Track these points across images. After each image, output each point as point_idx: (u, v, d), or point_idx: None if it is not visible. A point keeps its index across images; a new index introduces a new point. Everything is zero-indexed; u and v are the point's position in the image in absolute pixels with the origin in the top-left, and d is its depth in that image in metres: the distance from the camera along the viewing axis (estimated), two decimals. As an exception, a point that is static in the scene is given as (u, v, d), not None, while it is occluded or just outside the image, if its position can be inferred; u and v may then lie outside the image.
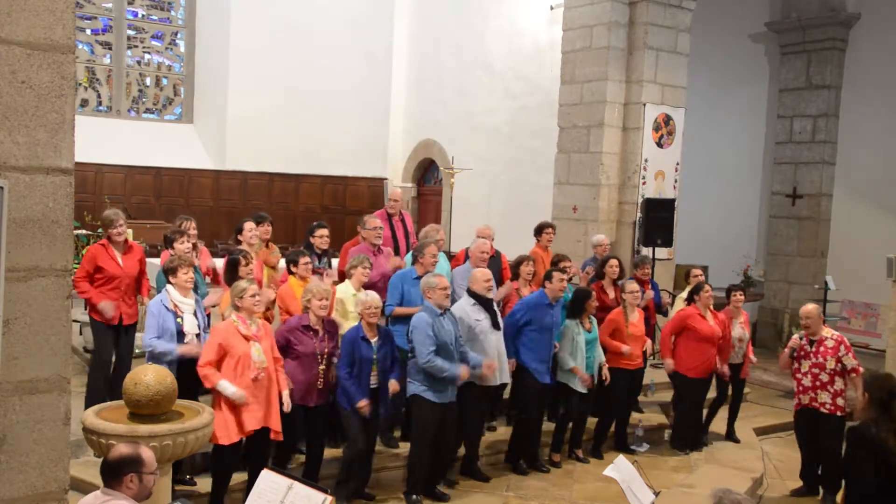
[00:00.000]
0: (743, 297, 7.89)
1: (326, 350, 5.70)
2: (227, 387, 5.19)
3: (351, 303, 6.29)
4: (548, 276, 6.77)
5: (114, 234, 6.35)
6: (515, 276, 7.35)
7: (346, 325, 6.14)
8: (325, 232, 7.06)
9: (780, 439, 8.42)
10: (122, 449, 3.31)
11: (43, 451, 3.05)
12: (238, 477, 5.58)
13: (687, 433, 7.63)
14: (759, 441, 8.18)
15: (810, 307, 6.59)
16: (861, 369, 6.29)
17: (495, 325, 6.35)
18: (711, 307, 7.58)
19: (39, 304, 3.00)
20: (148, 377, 4.57)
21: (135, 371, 4.70)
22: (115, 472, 3.24)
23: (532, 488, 6.54)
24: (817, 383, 6.43)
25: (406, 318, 6.26)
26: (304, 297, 5.71)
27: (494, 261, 7.64)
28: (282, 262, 7.34)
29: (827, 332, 6.49)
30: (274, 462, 5.59)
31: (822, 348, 6.43)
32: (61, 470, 3.11)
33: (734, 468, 7.24)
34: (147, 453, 3.32)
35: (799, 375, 6.57)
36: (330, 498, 3.42)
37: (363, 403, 5.63)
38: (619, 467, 4.51)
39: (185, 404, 4.89)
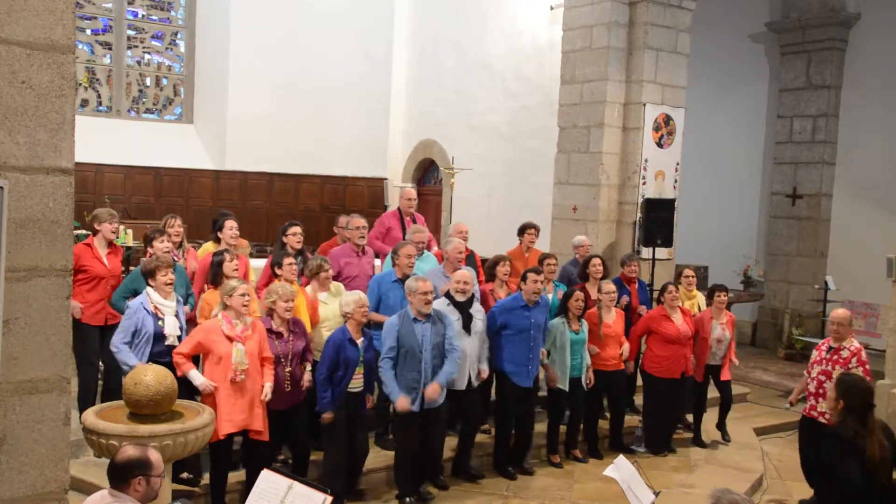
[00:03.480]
0: (726, 298, 7.74)
1: (291, 351, 5.61)
2: (196, 377, 5.22)
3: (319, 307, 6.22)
4: (523, 278, 6.66)
5: (106, 231, 6.31)
6: (491, 278, 7.21)
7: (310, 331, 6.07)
8: (297, 230, 6.90)
9: (780, 439, 8.42)
10: (129, 451, 3.29)
11: (43, 451, 3.05)
12: (236, 476, 5.58)
13: (658, 433, 7.54)
14: (759, 441, 8.17)
15: (842, 313, 6.30)
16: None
17: (466, 329, 6.26)
18: (683, 306, 7.55)
19: (39, 304, 2.99)
20: (148, 377, 4.58)
21: (135, 371, 4.71)
22: (122, 474, 3.23)
23: (532, 488, 6.54)
24: (820, 391, 6.19)
25: (379, 325, 6.17)
26: (268, 298, 5.59)
27: (469, 260, 7.50)
28: (256, 262, 7.29)
29: (848, 341, 6.21)
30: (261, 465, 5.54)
31: (835, 357, 6.21)
32: (61, 470, 3.11)
33: (734, 468, 7.24)
34: (155, 455, 3.30)
35: (808, 379, 6.40)
36: (330, 498, 3.42)
37: (328, 416, 5.61)
38: (619, 467, 4.50)
39: (185, 404, 4.90)
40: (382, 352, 5.80)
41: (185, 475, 5.60)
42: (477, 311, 6.45)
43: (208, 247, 6.97)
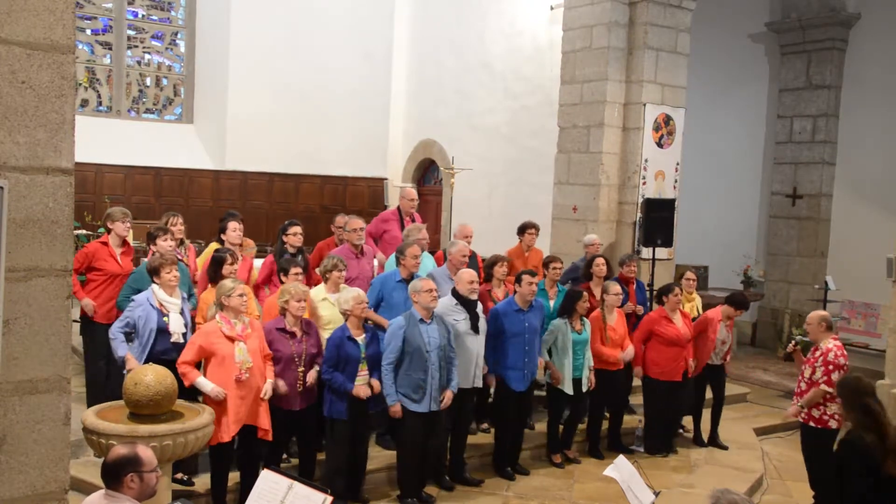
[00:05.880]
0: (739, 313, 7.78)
1: (304, 352, 5.63)
2: (205, 384, 5.21)
3: (324, 307, 6.16)
4: (517, 280, 6.60)
5: (120, 229, 6.35)
6: (489, 278, 7.18)
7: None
8: (298, 230, 6.90)
9: (780, 439, 8.42)
10: (119, 450, 3.29)
11: (43, 451, 3.05)
12: (232, 477, 5.57)
13: (658, 435, 7.51)
14: (759, 441, 8.17)
15: (813, 314, 6.31)
16: (823, 386, 5.87)
17: (474, 328, 6.22)
18: (683, 309, 7.56)
19: (39, 304, 2.99)
20: (148, 377, 4.58)
21: (135, 371, 4.71)
22: (114, 473, 3.23)
23: (532, 488, 6.53)
24: (798, 390, 6.19)
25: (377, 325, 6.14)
26: (281, 298, 5.62)
27: (472, 261, 7.54)
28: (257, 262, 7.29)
29: (825, 343, 6.05)
30: (265, 462, 5.55)
31: (811, 357, 6.16)
32: (61, 470, 3.11)
33: (734, 468, 7.23)
34: (145, 452, 3.30)
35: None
36: (330, 498, 3.42)
37: (359, 387, 5.54)
38: (619, 467, 4.51)
39: (185, 404, 4.91)
40: (385, 353, 5.74)
41: (179, 475, 5.59)
42: (481, 310, 6.42)
43: (213, 247, 6.97)
